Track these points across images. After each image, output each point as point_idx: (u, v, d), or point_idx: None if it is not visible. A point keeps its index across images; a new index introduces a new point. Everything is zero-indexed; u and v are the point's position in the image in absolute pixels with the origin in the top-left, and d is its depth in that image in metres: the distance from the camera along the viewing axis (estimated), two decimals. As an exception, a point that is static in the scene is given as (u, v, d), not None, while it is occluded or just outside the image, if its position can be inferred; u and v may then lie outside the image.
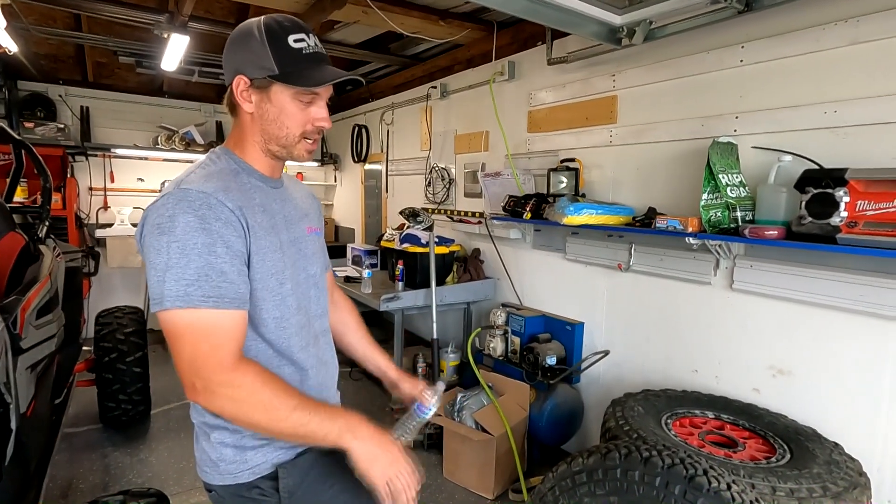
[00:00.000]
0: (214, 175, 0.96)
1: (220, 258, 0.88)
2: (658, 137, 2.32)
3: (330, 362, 1.18)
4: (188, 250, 0.86)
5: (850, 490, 1.44)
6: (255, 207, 0.98)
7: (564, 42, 2.73)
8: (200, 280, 0.86)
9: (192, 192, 0.89)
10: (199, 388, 0.87)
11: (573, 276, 2.79)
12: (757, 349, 2.00)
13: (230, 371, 0.87)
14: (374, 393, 3.72)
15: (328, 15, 2.82)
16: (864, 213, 1.53)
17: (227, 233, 0.90)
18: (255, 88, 0.97)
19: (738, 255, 2.02)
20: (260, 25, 0.95)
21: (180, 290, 0.85)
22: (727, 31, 2.02)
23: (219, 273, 0.88)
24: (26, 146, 2.57)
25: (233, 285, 0.90)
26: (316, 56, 0.98)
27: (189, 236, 0.86)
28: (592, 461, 1.40)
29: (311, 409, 0.91)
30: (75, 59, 4.56)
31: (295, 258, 1.06)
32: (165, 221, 0.87)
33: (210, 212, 0.89)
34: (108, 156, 4.80)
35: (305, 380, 1.06)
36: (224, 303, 0.88)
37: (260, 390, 0.88)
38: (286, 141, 1.00)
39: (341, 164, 5.80)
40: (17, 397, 1.55)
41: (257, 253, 0.95)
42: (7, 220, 2.19)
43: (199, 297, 0.86)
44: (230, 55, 0.99)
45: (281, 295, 1.00)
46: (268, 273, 0.98)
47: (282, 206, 1.07)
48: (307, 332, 1.08)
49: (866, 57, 1.67)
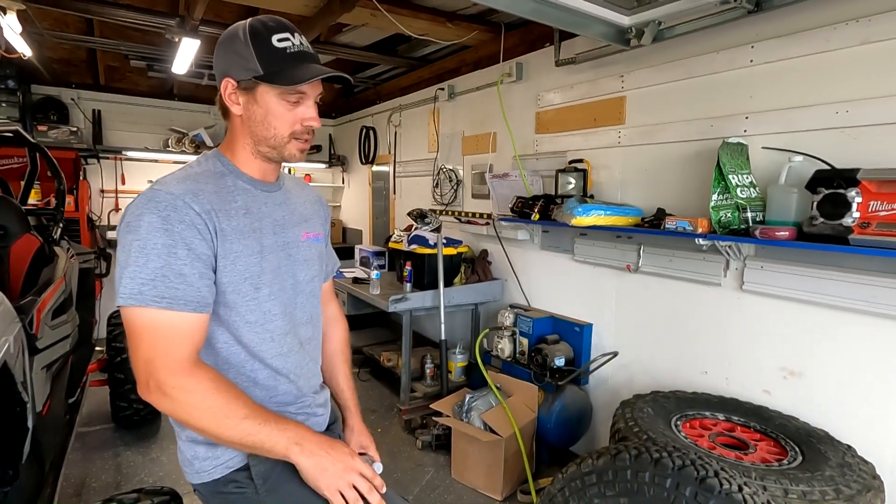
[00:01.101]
0: (191, 177, 0.96)
1: (180, 260, 0.88)
2: (667, 138, 2.31)
3: (313, 371, 1.16)
4: (148, 250, 0.87)
5: (864, 493, 1.43)
6: (232, 210, 0.97)
7: (572, 43, 2.73)
8: (156, 280, 0.86)
9: (161, 192, 0.90)
10: (151, 387, 0.87)
11: (581, 277, 2.79)
12: (767, 350, 1.99)
13: (184, 375, 0.87)
14: (382, 393, 3.73)
15: (337, 18, 2.84)
16: (876, 213, 1.52)
17: (189, 235, 0.89)
18: (242, 90, 0.97)
19: (749, 256, 2.01)
20: (245, 27, 0.96)
21: (135, 288, 0.86)
22: (737, 32, 2.01)
23: (177, 275, 0.88)
24: (41, 149, 2.61)
25: (191, 288, 0.89)
26: (300, 55, 0.97)
27: (150, 236, 0.87)
28: (602, 462, 1.39)
29: (261, 420, 0.90)
30: (87, 64, 4.62)
31: (279, 263, 1.05)
32: (133, 220, 0.89)
33: (174, 213, 0.89)
34: (120, 158, 4.86)
35: (280, 385, 1.05)
36: (179, 304, 0.88)
37: (211, 396, 0.88)
38: (275, 142, 1.00)
39: (349, 165, 5.83)
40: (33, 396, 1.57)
41: (226, 256, 0.95)
42: (22, 222, 2.22)
43: (152, 296, 0.86)
44: (218, 58, 1.00)
45: (257, 300, 0.99)
46: (240, 277, 0.97)
47: (273, 209, 1.06)
48: (290, 339, 1.07)
49: (878, 56, 1.66)
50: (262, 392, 1.03)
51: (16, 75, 4.11)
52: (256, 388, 1.02)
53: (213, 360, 0.98)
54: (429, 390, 3.27)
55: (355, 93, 5.50)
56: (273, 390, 1.04)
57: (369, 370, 4.09)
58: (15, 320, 1.52)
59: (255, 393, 1.01)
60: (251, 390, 1.01)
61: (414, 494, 2.53)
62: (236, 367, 1.00)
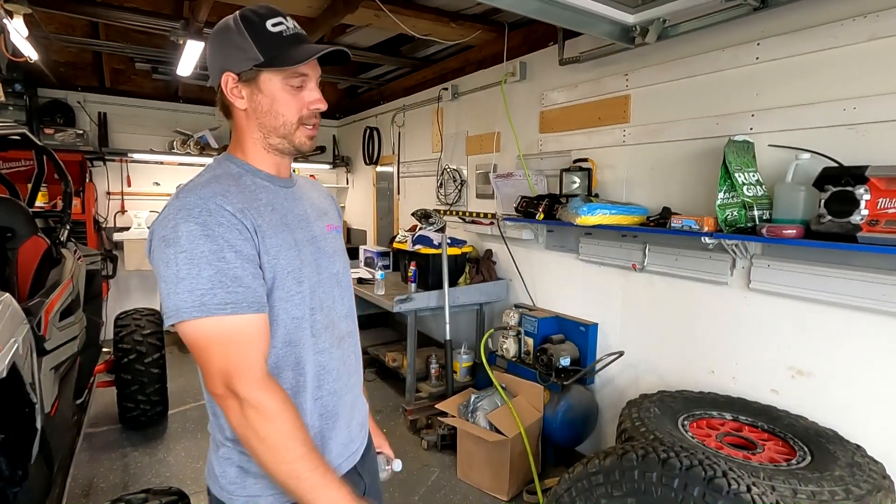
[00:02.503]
0: (212, 181, 0.93)
1: (231, 263, 0.86)
2: (672, 136, 2.30)
3: (353, 367, 1.13)
4: (196, 259, 0.84)
5: (874, 493, 1.41)
6: (261, 207, 0.94)
7: (576, 42, 2.72)
8: (215, 288, 0.84)
9: (189, 200, 0.87)
10: (229, 395, 0.85)
11: (587, 276, 2.78)
12: (775, 350, 1.98)
13: (261, 388, 0.85)
14: (387, 394, 3.73)
15: (341, 19, 2.84)
16: (885, 211, 1.51)
17: (232, 237, 0.87)
18: (244, 82, 0.94)
19: (756, 254, 2.00)
20: (236, 18, 0.94)
21: (195, 300, 0.83)
22: (742, 29, 2.00)
23: (232, 279, 0.85)
24: (48, 152, 2.63)
25: (248, 289, 0.87)
26: (297, 37, 0.95)
27: (194, 245, 0.84)
28: (609, 462, 1.39)
29: (312, 467, 0.86)
30: (93, 67, 4.65)
31: (315, 256, 1.02)
32: (170, 233, 0.85)
33: (211, 218, 0.86)
34: (125, 160, 4.89)
35: (324, 384, 1.02)
36: (243, 308, 0.86)
37: (281, 419, 0.85)
38: (284, 130, 0.97)
39: (353, 166, 5.83)
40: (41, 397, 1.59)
41: (268, 252, 0.92)
42: (30, 224, 2.24)
43: (215, 304, 0.83)
44: (213, 55, 0.97)
45: (300, 294, 0.97)
46: (283, 272, 0.94)
47: (294, 204, 1.04)
48: (331, 334, 1.03)
49: (885, 52, 1.64)
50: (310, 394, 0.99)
51: (23, 79, 4.14)
52: (305, 390, 0.98)
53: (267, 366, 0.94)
54: (434, 390, 3.27)
55: (359, 93, 5.51)
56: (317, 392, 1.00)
57: (374, 370, 4.10)
58: (23, 322, 1.53)
59: (305, 396, 0.98)
60: (301, 394, 0.97)
61: (420, 495, 2.53)
62: (287, 369, 0.96)
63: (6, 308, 1.42)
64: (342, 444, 1.05)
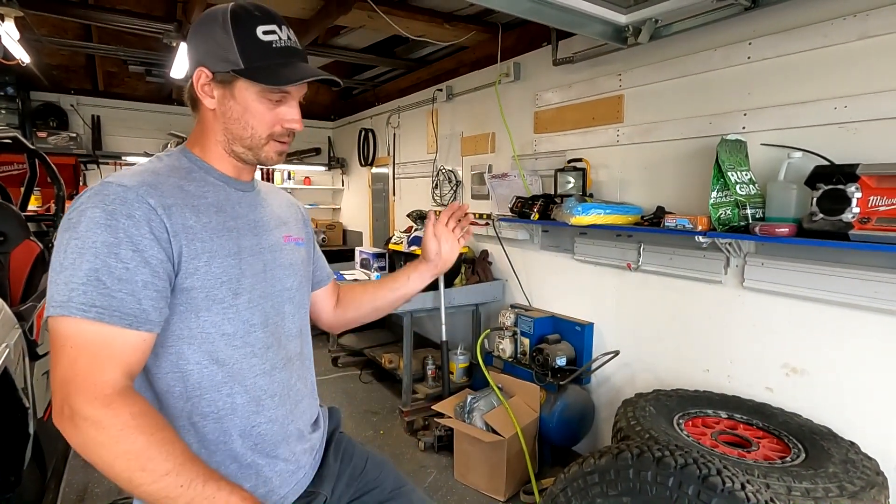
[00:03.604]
0: (151, 171, 0.85)
1: (123, 262, 0.74)
2: (665, 136, 2.31)
3: (304, 391, 1.02)
4: (85, 249, 0.73)
5: (868, 489, 1.42)
6: (202, 206, 0.86)
7: (570, 42, 2.73)
8: (88, 284, 0.72)
9: (111, 185, 0.78)
10: (66, 413, 0.71)
11: (582, 276, 2.79)
12: (769, 348, 1.98)
13: (102, 406, 0.71)
14: (384, 395, 3.73)
15: (334, 20, 2.84)
16: (876, 208, 1.52)
17: (137, 234, 0.76)
18: (218, 83, 0.87)
19: (749, 252, 2.01)
20: (226, 12, 0.85)
21: (64, 294, 0.72)
22: (734, 29, 2.01)
23: (116, 280, 0.74)
24: (40, 156, 2.62)
25: (131, 297, 0.75)
26: (287, 51, 0.88)
27: (90, 233, 0.74)
28: (604, 462, 1.39)
29: (187, 480, 0.72)
30: (86, 69, 4.64)
31: (262, 268, 0.93)
32: (75, 216, 0.76)
33: (122, 207, 0.76)
34: (119, 163, 4.88)
35: (263, 410, 0.91)
36: (113, 317, 0.73)
37: (128, 438, 0.70)
38: (251, 142, 0.90)
39: (348, 168, 5.83)
40: (34, 402, 1.58)
41: (198, 257, 0.82)
42: (22, 228, 2.23)
43: (78, 304, 0.72)
44: (192, 43, 0.89)
45: (235, 307, 0.87)
46: (215, 280, 0.84)
47: (249, 209, 0.95)
48: (274, 355, 0.93)
49: (875, 51, 1.65)
50: (240, 422, 0.89)
51: (15, 82, 4.12)
52: (235, 416, 0.88)
53: (183, 385, 0.84)
54: (430, 391, 3.27)
55: (354, 95, 5.51)
56: (254, 419, 0.90)
57: (371, 372, 4.09)
58: (15, 326, 1.52)
59: (234, 423, 0.88)
60: (228, 419, 0.87)
61: (417, 496, 2.52)
62: (211, 391, 0.85)
63: (-3, 312, 1.41)
64: (289, 473, 0.97)
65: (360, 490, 1.11)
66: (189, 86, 0.91)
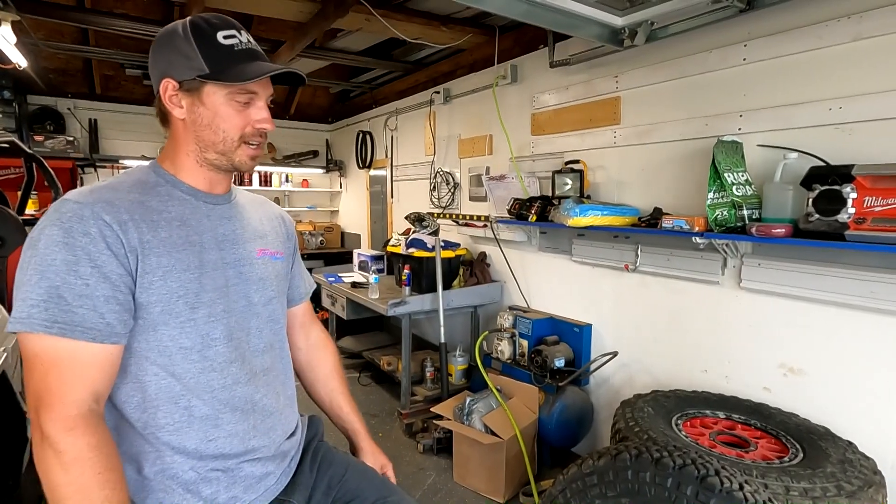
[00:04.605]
0: (110, 186, 0.86)
1: (83, 279, 0.77)
2: (662, 137, 2.32)
3: (273, 407, 1.00)
4: (45, 267, 0.76)
5: (865, 489, 1.43)
6: (162, 221, 0.87)
7: (566, 44, 2.74)
8: (49, 302, 0.75)
9: (67, 202, 0.80)
10: (36, 423, 0.75)
11: (580, 277, 2.79)
12: (767, 348, 1.99)
13: (63, 429, 0.74)
14: (382, 397, 3.72)
15: (331, 23, 2.85)
16: (872, 209, 1.52)
17: (95, 250, 0.78)
18: (185, 91, 0.88)
19: (746, 253, 2.02)
20: (185, 24, 0.88)
21: (24, 311, 0.75)
22: (729, 30, 2.02)
23: (77, 296, 0.76)
24: (37, 159, 2.62)
25: (93, 312, 0.77)
26: (249, 52, 0.90)
27: (49, 252, 0.76)
28: (603, 463, 1.39)
29: None
30: (83, 73, 4.63)
31: (227, 282, 0.93)
32: (36, 234, 0.78)
33: (79, 225, 0.78)
34: (116, 167, 4.86)
35: (223, 426, 0.91)
36: (76, 332, 0.76)
37: (78, 470, 0.74)
38: (224, 147, 0.91)
39: (346, 170, 5.83)
40: (32, 407, 1.57)
41: (153, 272, 0.83)
42: (20, 232, 2.22)
43: (41, 321, 0.74)
44: (155, 58, 0.90)
45: (193, 321, 0.87)
46: (171, 295, 0.85)
47: (218, 223, 0.95)
48: (237, 370, 0.93)
49: (870, 53, 1.67)
50: (197, 434, 0.88)
51: (12, 86, 4.12)
52: (191, 428, 0.88)
53: (142, 396, 0.85)
54: (429, 394, 3.26)
55: (351, 97, 5.52)
56: (212, 433, 0.90)
57: (369, 375, 4.08)
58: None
59: (190, 435, 0.88)
60: (184, 431, 0.87)
61: (416, 498, 2.52)
62: (168, 403, 0.86)
63: (-5, 317, 1.41)
64: (255, 479, 0.96)
65: (339, 499, 1.09)
66: (157, 101, 0.92)
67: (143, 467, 0.87)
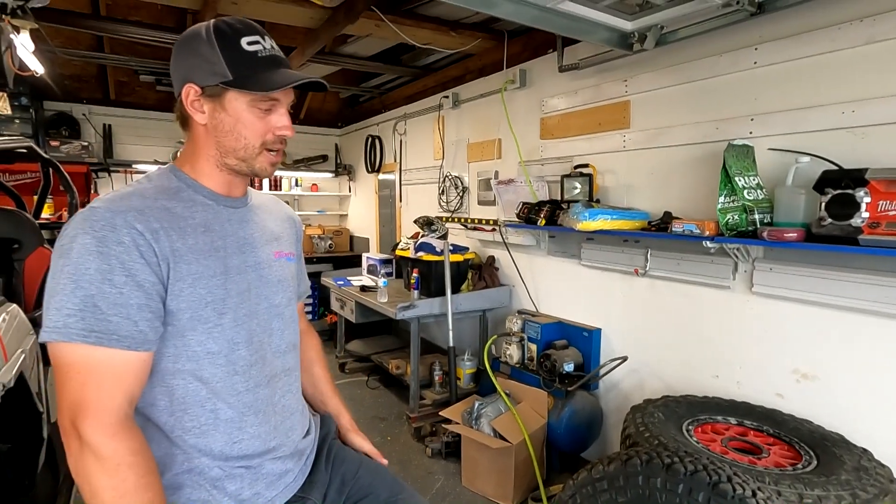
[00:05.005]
0: (138, 193, 0.86)
1: (117, 287, 0.77)
2: (672, 141, 2.31)
3: (292, 407, 1.03)
4: (79, 276, 0.76)
5: (881, 497, 1.41)
6: (188, 228, 0.87)
7: (575, 49, 2.74)
8: (85, 311, 0.75)
9: (98, 210, 0.80)
10: (72, 434, 0.76)
11: (589, 281, 2.78)
12: (779, 353, 1.97)
13: (106, 436, 0.76)
14: (391, 401, 3.73)
15: (342, 29, 2.88)
16: (886, 213, 1.51)
17: (129, 259, 0.79)
18: (207, 97, 0.88)
19: (757, 258, 2.00)
20: (209, 28, 0.87)
21: (59, 320, 0.75)
22: (740, 34, 2.01)
23: (111, 305, 0.77)
24: (54, 164, 2.66)
25: (127, 321, 0.78)
26: (273, 59, 0.90)
27: (83, 260, 0.76)
28: (613, 468, 1.39)
29: None
30: (98, 79, 4.71)
31: (249, 285, 0.95)
32: (66, 242, 0.78)
33: (112, 234, 0.78)
34: (130, 171, 4.94)
35: (247, 427, 0.93)
36: (112, 340, 0.77)
37: (120, 475, 0.76)
38: (245, 153, 0.91)
39: (355, 174, 5.87)
40: (48, 406, 1.60)
41: (183, 279, 0.84)
42: (36, 235, 2.26)
43: (78, 330, 0.75)
44: (177, 62, 0.90)
45: (220, 327, 0.89)
46: (200, 301, 0.86)
47: (238, 227, 0.96)
48: (258, 372, 0.95)
49: (883, 56, 1.65)
50: (222, 437, 0.91)
51: (29, 92, 4.19)
52: (217, 431, 0.90)
53: (169, 400, 0.87)
54: (438, 397, 3.26)
55: (361, 102, 5.56)
56: (237, 435, 0.92)
57: (378, 378, 4.09)
58: (30, 332, 1.55)
59: (216, 438, 0.90)
60: (210, 434, 0.90)
61: (424, 502, 2.52)
62: (195, 406, 0.88)
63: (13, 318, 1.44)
64: (276, 476, 0.98)
65: (352, 496, 1.10)
66: (178, 104, 0.92)
67: (171, 468, 0.89)
